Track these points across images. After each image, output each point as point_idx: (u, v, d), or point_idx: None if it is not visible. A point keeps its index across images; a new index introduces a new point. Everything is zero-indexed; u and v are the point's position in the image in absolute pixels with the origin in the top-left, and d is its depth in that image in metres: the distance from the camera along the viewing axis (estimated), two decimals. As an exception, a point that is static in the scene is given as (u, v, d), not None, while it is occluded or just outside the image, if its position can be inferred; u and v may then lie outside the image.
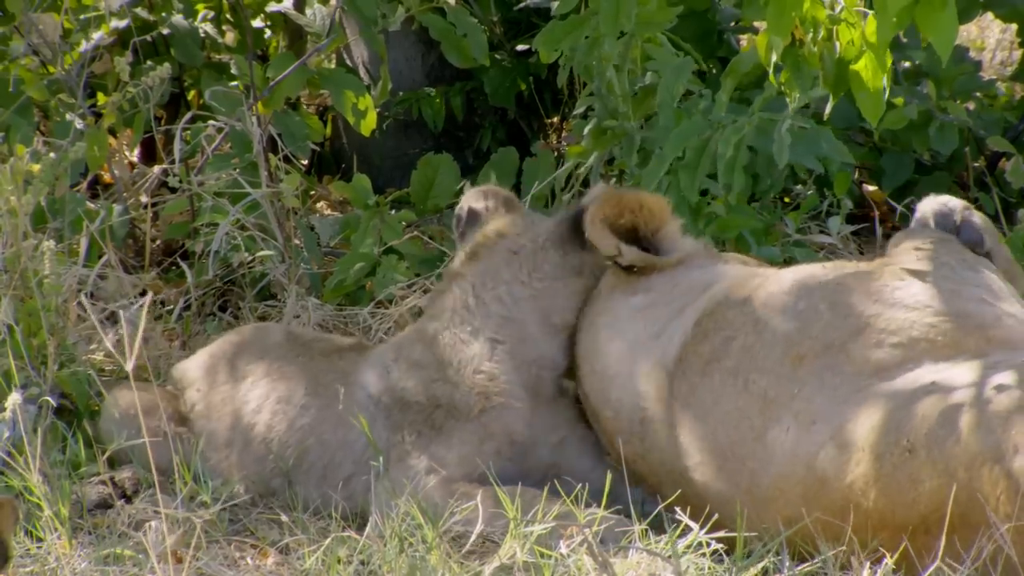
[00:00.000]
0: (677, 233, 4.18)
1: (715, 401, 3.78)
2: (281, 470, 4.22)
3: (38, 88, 5.62)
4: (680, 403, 3.84)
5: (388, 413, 4.17)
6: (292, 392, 4.28)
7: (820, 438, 3.60)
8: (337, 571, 3.68)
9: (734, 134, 4.78)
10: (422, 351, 4.21)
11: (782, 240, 5.18)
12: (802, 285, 3.86)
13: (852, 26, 4.10)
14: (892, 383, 3.61)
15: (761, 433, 3.69)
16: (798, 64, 4.26)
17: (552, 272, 4.23)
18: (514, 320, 4.20)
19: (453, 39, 5.58)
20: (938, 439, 3.48)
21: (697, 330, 3.89)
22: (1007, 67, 7.66)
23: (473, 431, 4.10)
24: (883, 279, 3.82)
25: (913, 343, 3.67)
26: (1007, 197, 5.86)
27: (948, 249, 3.94)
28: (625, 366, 4.00)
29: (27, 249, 4.46)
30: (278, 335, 4.48)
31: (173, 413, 4.38)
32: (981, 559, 3.43)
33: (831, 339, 3.71)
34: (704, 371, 3.82)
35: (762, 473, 3.67)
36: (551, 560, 3.64)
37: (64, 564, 3.70)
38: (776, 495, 3.65)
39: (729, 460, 3.73)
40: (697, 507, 3.79)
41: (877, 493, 3.53)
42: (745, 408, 3.73)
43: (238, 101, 5.40)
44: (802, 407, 3.65)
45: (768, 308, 3.83)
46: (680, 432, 3.83)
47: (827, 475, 3.58)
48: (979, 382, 3.52)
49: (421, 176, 5.74)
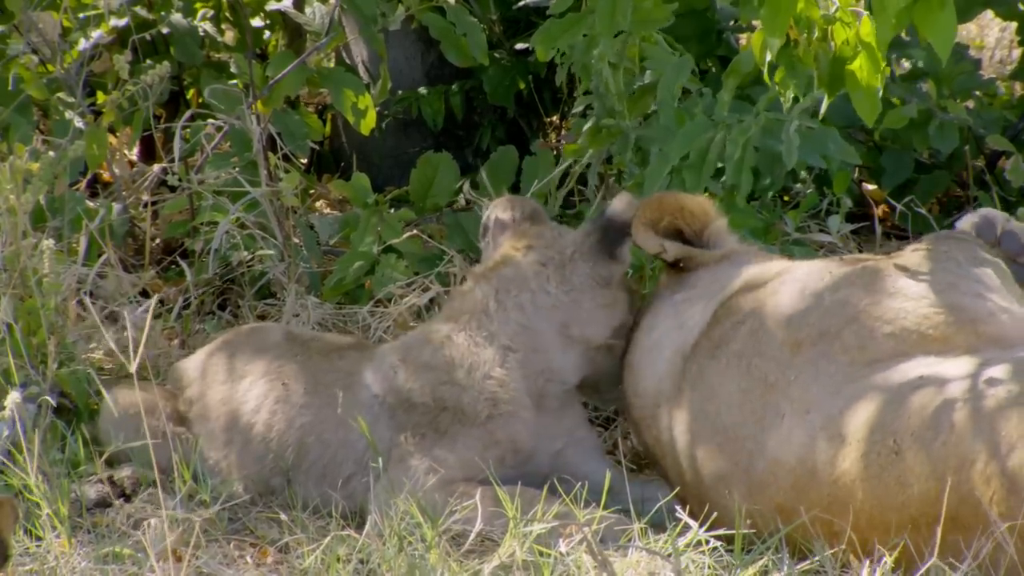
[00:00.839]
0: (723, 230, 4.23)
1: (720, 383, 3.81)
2: (281, 469, 4.22)
3: (37, 87, 5.61)
4: (689, 384, 3.87)
5: (392, 413, 4.17)
6: (291, 391, 4.28)
7: (811, 429, 3.62)
8: (336, 570, 3.68)
9: (741, 134, 4.78)
10: (432, 352, 4.21)
11: (782, 239, 5.17)
12: (813, 275, 3.89)
13: (847, 26, 4.10)
14: (883, 375, 3.63)
15: (760, 417, 3.71)
16: (793, 64, 4.25)
17: (580, 283, 4.23)
18: (531, 329, 4.20)
19: (452, 38, 5.57)
20: (925, 441, 3.48)
21: (713, 318, 3.92)
22: (1007, 66, 7.65)
23: (478, 436, 4.10)
24: (887, 271, 3.84)
25: (905, 333, 3.69)
26: (1007, 196, 5.86)
27: (962, 247, 3.95)
28: (649, 355, 4.03)
29: (26, 248, 4.46)
30: (277, 335, 4.48)
31: (172, 412, 4.38)
32: (981, 558, 3.43)
33: (827, 326, 3.74)
34: (713, 354, 3.86)
35: (758, 456, 3.69)
36: (550, 559, 3.64)
37: (63, 563, 3.70)
38: (770, 480, 3.67)
39: (730, 440, 3.75)
40: (696, 495, 3.81)
41: (864, 494, 3.53)
42: (748, 391, 3.76)
43: (237, 100, 5.40)
44: (797, 394, 3.68)
45: (776, 296, 3.87)
46: (687, 412, 3.85)
47: (816, 467, 3.60)
48: (968, 379, 3.52)
49: (421, 175, 5.74)
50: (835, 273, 3.87)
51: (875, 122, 4.23)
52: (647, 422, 4.03)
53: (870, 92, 4.10)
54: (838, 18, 4.09)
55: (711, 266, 4.14)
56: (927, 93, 5.83)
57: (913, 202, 5.72)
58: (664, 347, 4.02)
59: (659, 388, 3.99)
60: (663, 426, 3.96)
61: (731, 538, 3.67)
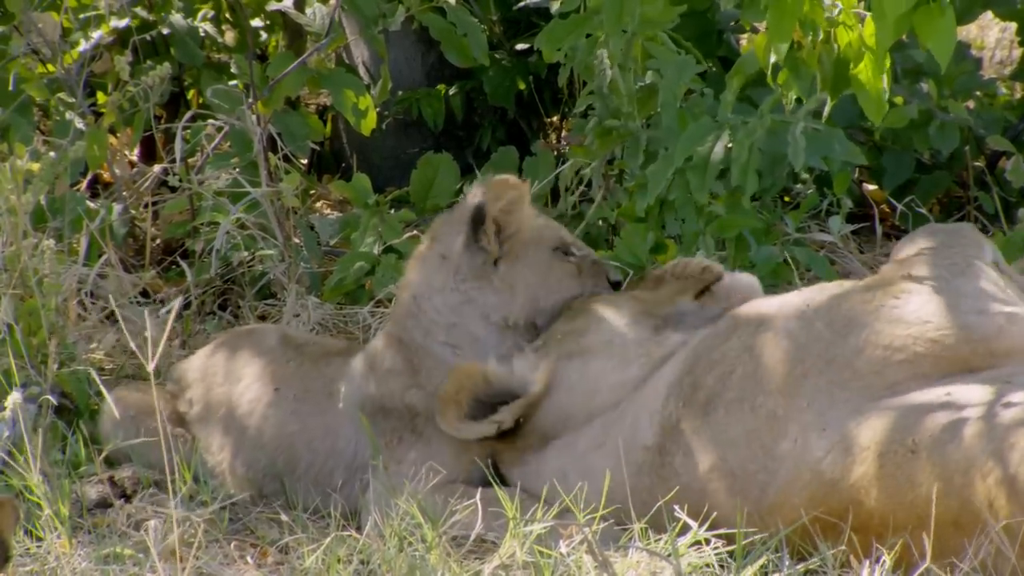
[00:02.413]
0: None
1: (723, 431, 3.77)
2: (274, 474, 4.22)
3: (38, 87, 5.62)
4: (680, 449, 3.84)
5: (373, 420, 4.16)
6: (282, 397, 4.28)
7: (828, 444, 3.62)
8: (337, 570, 3.68)
9: (747, 136, 4.78)
10: (392, 357, 4.21)
11: (782, 239, 5.18)
12: (795, 310, 3.87)
13: (850, 28, 4.10)
14: (904, 397, 3.63)
15: (770, 448, 3.69)
16: (797, 66, 4.26)
17: (471, 273, 4.22)
18: (458, 325, 4.19)
19: (453, 38, 5.57)
20: (940, 443, 3.50)
21: (687, 378, 3.88)
22: (1007, 66, 7.66)
23: (450, 440, 4.10)
24: (878, 297, 3.82)
25: (919, 359, 3.69)
26: (1007, 196, 5.86)
27: (939, 256, 3.95)
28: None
29: (27, 248, 4.46)
30: (272, 338, 4.47)
31: (172, 414, 4.38)
32: (980, 557, 3.44)
33: (833, 355, 3.72)
34: (705, 411, 3.82)
35: (770, 485, 3.67)
36: (551, 560, 3.64)
37: (64, 563, 3.70)
38: (782, 501, 3.65)
39: (738, 480, 3.73)
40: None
41: (878, 491, 3.54)
42: (754, 430, 3.73)
43: (238, 100, 5.40)
44: (812, 417, 3.66)
45: (764, 335, 3.83)
46: (692, 466, 3.82)
47: (833, 477, 3.59)
48: (989, 395, 3.55)
49: (421, 176, 5.74)
50: (821, 304, 3.84)
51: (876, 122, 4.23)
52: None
53: (876, 93, 4.10)
54: (841, 21, 4.10)
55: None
56: (928, 93, 5.83)
57: (914, 202, 5.73)
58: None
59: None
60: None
61: (731, 538, 3.67)
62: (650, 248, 5.00)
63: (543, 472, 4.00)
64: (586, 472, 3.91)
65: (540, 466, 4.02)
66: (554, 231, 4.34)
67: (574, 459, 3.96)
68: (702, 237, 4.89)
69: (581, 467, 3.94)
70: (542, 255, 4.27)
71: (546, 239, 4.29)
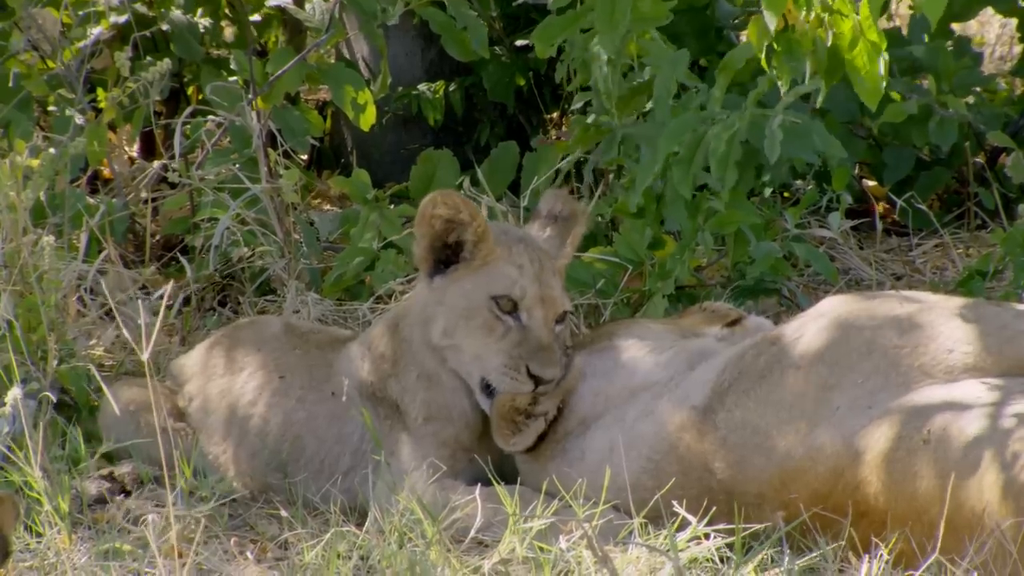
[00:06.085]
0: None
1: (771, 391, 3.80)
2: (278, 464, 4.22)
3: (38, 83, 5.62)
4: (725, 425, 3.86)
5: (368, 406, 4.17)
6: (288, 385, 4.28)
7: (868, 418, 3.65)
8: (336, 566, 3.68)
9: (726, 130, 4.77)
10: (386, 344, 4.21)
11: (781, 235, 5.18)
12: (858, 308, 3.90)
13: (845, 17, 4.10)
14: (949, 386, 3.66)
15: (812, 413, 3.73)
16: (790, 47, 4.25)
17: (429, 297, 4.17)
18: (425, 324, 4.16)
19: (453, 32, 5.57)
20: (945, 438, 3.52)
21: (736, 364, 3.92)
22: (1007, 62, 7.66)
23: (435, 432, 4.11)
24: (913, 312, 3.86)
25: (955, 370, 3.71)
26: (1007, 192, 5.86)
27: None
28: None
29: (27, 244, 4.46)
30: (276, 326, 4.48)
31: (171, 409, 4.38)
32: (982, 553, 3.45)
33: (895, 342, 3.75)
34: (751, 387, 3.85)
35: (798, 446, 3.70)
36: (550, 555, 3.64)
37: (64, 559, 3.70)
38: (807, 466, 3.68)
39: (770, 440, 3.75)
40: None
41: (884, 477, 3.57)
42: (802, 394, 3.76)
43: (238, 96, 5.40)
44: (862, 394, 3.70)
45: (828, 318, 3.87)
46: (730, 421, 3.84)
47: (861, 449, 3.63)
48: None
49: (421, 171, 5.74)
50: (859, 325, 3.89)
51: (875, 115, 4.23)
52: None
53: (871, 77, 4.10)
54: (836, 10, 4.09)
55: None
56: (927, 89, 5.83)
57: (913, 198, 5.73)
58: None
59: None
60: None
61: (731, 533, 3.67)
62: (648, 244, 5.00)
63: (589, 451, 4.00)
64: (634, 441, 3.92)
65: (586, 445, 4.01)
66: (508, 281, 4.06)
67: (624, 430, 3.96)
68: (701, 233, 4.90)
69: (629, 437, 3.94)
70: (478, 294, 4.08)
71: (493, 285, 4.07)
